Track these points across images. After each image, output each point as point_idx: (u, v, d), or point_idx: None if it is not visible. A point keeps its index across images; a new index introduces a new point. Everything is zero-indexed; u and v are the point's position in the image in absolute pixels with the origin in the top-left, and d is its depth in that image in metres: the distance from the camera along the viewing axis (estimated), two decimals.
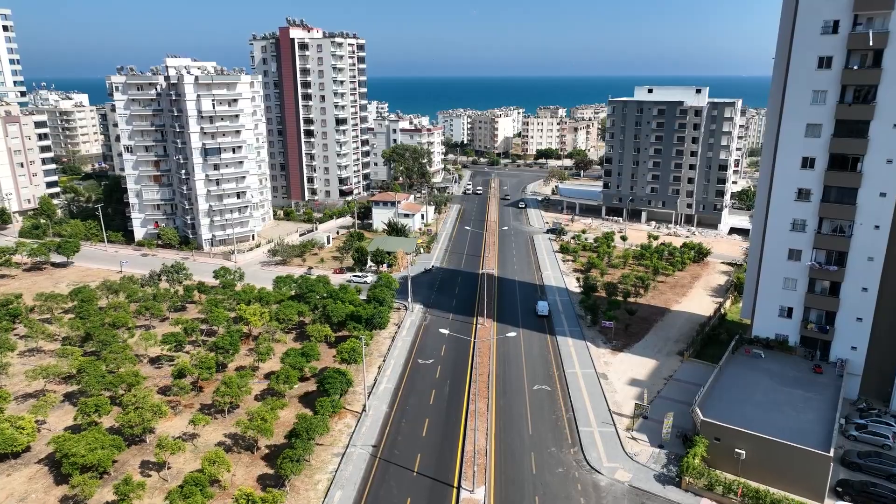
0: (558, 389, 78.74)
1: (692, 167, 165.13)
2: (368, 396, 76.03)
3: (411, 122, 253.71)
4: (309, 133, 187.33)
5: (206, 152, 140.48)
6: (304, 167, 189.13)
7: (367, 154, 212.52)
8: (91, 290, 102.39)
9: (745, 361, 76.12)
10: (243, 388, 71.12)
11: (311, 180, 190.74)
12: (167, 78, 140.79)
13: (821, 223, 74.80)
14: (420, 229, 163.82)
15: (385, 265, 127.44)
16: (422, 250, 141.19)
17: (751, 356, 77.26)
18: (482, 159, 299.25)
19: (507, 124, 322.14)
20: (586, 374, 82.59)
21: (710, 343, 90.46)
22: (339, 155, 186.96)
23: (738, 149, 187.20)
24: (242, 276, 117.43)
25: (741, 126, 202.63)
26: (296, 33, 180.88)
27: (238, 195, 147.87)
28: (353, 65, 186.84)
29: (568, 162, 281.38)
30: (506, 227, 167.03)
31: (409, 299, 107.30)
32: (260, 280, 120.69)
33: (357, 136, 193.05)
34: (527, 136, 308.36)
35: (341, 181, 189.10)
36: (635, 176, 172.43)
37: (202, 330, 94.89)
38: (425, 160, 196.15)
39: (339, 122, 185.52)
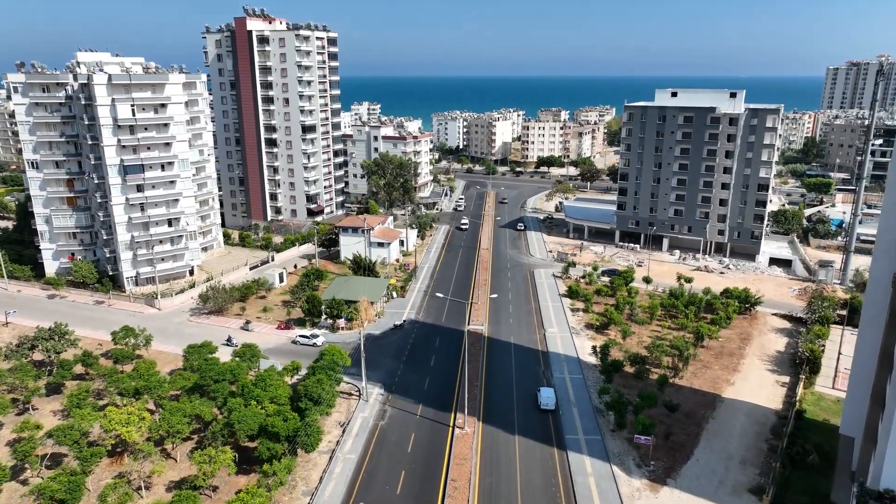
0: None
1: (725, 186, 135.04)
2: None
3: (396, 129, 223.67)
4: (271, 142, 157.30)
5: (125, 170, 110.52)
6: (266, 182, 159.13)
7: (343, 165, 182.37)
8: None
9: None
10: None
11: (274, 197, 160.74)
12: (76, 77, 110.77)
13: None
14: (397, 261, 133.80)
15: (343, 319, 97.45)
16: (395, 294, 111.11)
17: None
18: (478, 167, 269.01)
19: (506, 128, 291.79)
20: None
21: (796, 467, 60.63)
22: (306, 168, 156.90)
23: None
24: (149, 341, 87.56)
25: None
26: (254, 25, 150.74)
27: (170, 222, 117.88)
28: (323, 62, 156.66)
29: (572, 170, 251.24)
30: (501, 259, 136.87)
31: (364, 382, 77.15)
32: (182, 340, 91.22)
33: (328, 146, 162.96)
34: (527, 142, 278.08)
35: (309, 198, 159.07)
36: (656, 196, 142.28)
37: (42, 457, 64.47)
38: (410, 174, 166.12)
39: (307, 129, 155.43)
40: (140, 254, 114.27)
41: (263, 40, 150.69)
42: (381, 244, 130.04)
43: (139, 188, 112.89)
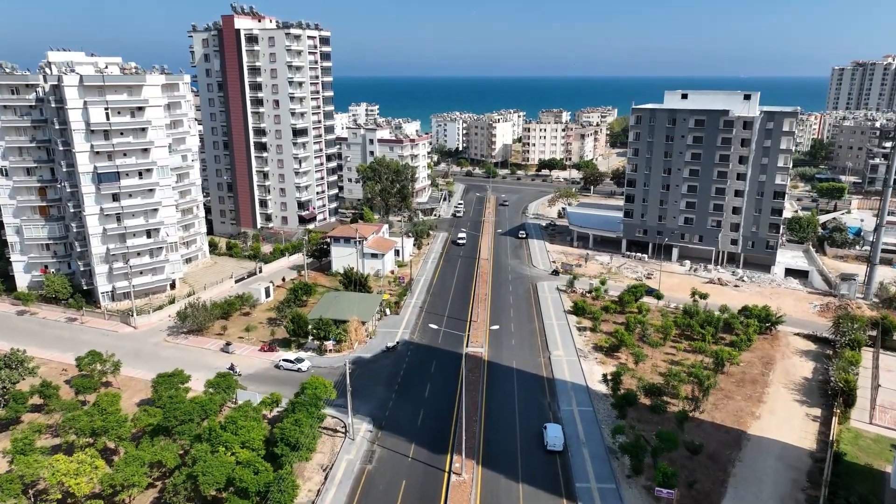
0: None
1: (739, 193, 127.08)
2: None
3: (393, 131, 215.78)
4: (260, 146, 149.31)
5: (99, 178, 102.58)
6: (255, 188, 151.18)
7: (337, 170, 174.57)
8: None
9: None
10: None
11: (263, 204, 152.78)
12: (46, 78, 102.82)
13: None
14: (392, 273, 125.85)
15: (332, 341, 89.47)
16: (388, 311, 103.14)
17: None
18: (477, 170, 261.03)
19: (507, 130, 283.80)
20: None
21: None
22: (297, 173, 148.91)
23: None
24: (117, 368, 79.61)
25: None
26: (243, 23, 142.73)
27: (148, 233, 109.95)
28: (315, 62, 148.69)
29: (575, 173, 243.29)
30: (502, 270, 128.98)
31: (350, 418, 69.14)
32: (157, 363, 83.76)
33: (321, 150, 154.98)
34: (528, 144, 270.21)
35: (301, 205, 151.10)
36: (665, 203, 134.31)
37: None
38: (407, 179, 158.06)
39: (298, 132, 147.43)
40: (116, 267, 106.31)
41: (252, 39, 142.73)
42: (374, 255, 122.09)
43: (115, 197, 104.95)
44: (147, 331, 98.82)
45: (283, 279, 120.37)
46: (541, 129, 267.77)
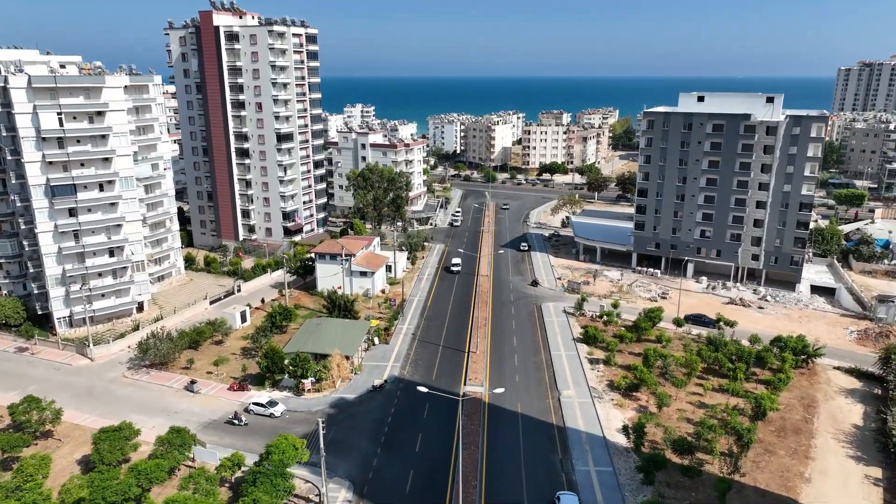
0: None
1: (761, 205, 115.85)
2: None
3: (389, 134, 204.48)
4: (242, 153, 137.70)
5: (52, 191, 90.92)
6: (237, 197, 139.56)
7: (326, 177, 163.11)
8: None
9: None
10: None
11: (246, 214, 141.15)
12: None
13: None
14: (383, 292, 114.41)
15: (310, 380, 77.96)
16: (376, 341, 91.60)
17: None
18: (476, 174, 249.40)
19: (506, 132, 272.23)
20: None
21: None
22: (282, 182, 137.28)
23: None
24: (58, 416, 68.13)
25: None
26: (222, 20, 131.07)
27: (111, 252, 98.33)
28: (301, 62, 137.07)
29: (577, 178, 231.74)
30: (503, 288, 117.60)
31: (325, 487, 57.49)
32: (111, 405, 72.61)
33: (308, 156, 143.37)
34: (528, 147, 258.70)
35: (286, 216, 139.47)
36: (679, 214, 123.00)
37: None
38: (402, 188, 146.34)
39: (282, 137, 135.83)
40: (74, 290, 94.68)
41: (232, 37, 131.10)
42: (363, 273, 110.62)
43: (71, 212, 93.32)
44: (105, 363, 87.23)
45: (263, 300, 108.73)
46: (541, 132, 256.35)
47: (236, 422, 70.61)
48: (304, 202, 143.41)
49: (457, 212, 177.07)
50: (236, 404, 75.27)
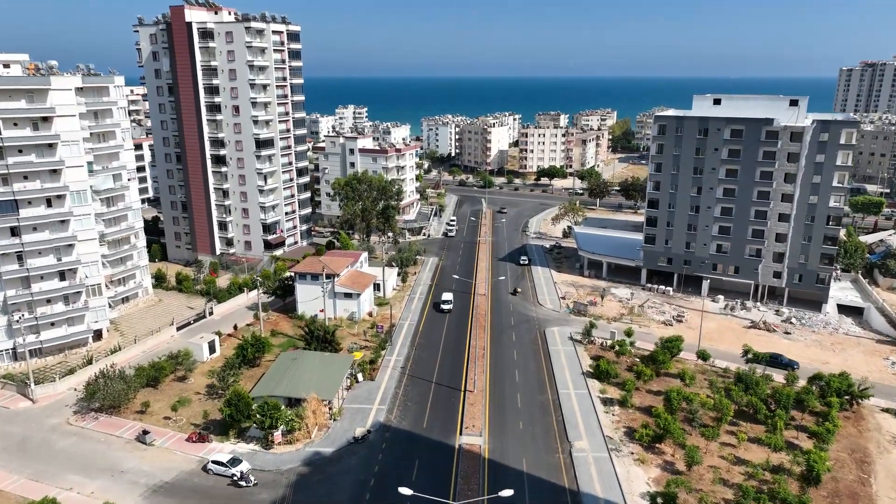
0: None
1: (784, 218, 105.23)
2: None
3: (381, 136, 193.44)
4: (219, 160, 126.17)
5: None
6: (214, 208, 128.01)
7: (312, 184, 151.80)
8: None
9: None
10: None
11: (223, 227, 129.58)
12: None
13: None
14: (370, 315, 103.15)
15: (280, 430, 66.59)
16: (360, 377, 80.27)
17: None
18: (471, 179, 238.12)
19: (502, 134, 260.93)
20: None
21: None
22: (261, 191, 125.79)
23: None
24: None
25: None
26: (195, 15, 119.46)
27: (62, 275, 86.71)
28: (283, 62, 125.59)
29: (578, 183, 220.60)
30: (503, 310, 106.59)
31: None
32: (47, 461, 61.30)
33: (290, 164, 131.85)
34: (525, 150, 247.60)
35: (266, 228, 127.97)
36: (694, 227, 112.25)
37: None
38: (392, 196, 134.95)
39: (262, 143, 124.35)
40: (19, 319, 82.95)
41: (207, 34, 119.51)
42: (348, 295, 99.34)
43: (13, 231, 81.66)
44: (48, 406, 75.61)
45: (236, 327, 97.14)
46: (539, 135, 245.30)
47: (243, 483, 59.25)
48: (287, 213, 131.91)
49: (452, 220, 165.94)
50: (194, 461, 63.91)
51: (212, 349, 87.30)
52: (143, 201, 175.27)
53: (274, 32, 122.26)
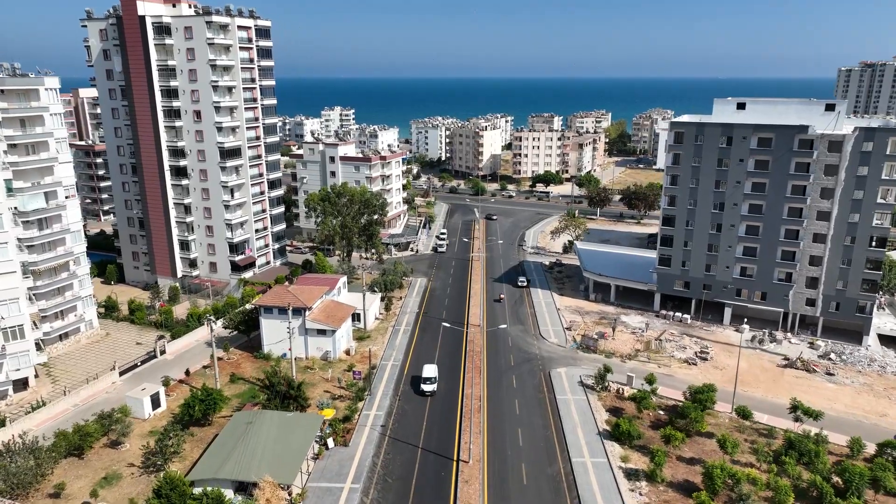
0: None
1: (819, 238, 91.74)
2: None
3: (367, 139, 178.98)
4: (179, 171, 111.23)
5: None
6: (174, 225, 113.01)
7: (289, 196, 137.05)
8: None
9: None
10: None
11: (185, 246, 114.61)
12: None
13: None
14: (348, 353, 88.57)
15: None
16: (331, 442, 65.68)
17: None
18: (462, 185, 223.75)
19: (494, 138, 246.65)
20: None
21: None
22: (227, 207, 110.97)
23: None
24: None
25: None
26: (149, 8, 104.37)
27: None
28: (251, 61, 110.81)
29: (577, 189, 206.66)
30: (500, 346, 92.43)
31: None
32: None
33: (261, 175, 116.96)
34: (519, 154, 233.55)
35: (233, 248, 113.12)
36: (715, 248, 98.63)
37: None
38: (376, 211, 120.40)
39: (228, 153, 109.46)
40: None
41: (163, 30, 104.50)
42: (321, 332, 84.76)
43: None
44: None
45: (188, 372, 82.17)
46: (534, 138, 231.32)
47: None
48: (257, 230, 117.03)
49: (442, 233, 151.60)
50: None
51: (155, 403, 72.45)
52: (110, 212, 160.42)
53: (240, 28, 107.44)
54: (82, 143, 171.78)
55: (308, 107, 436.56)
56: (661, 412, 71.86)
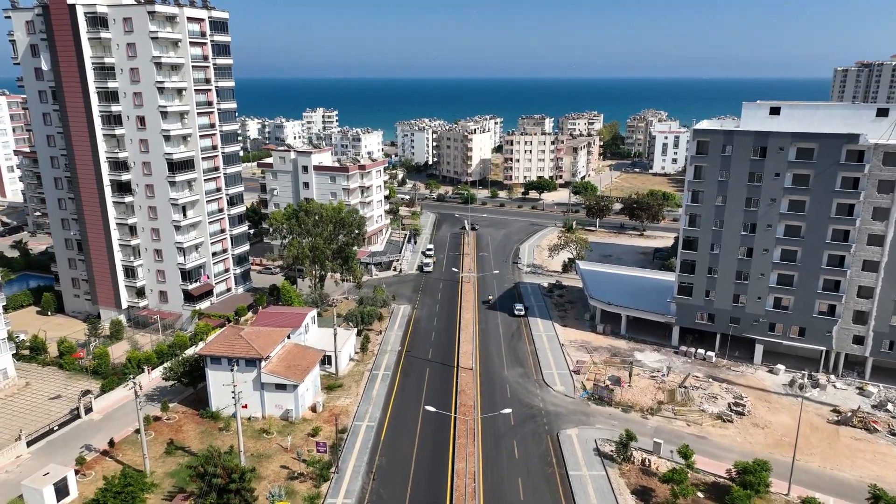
0: None
1: (870, 266, 77.38)
2: None
3: (346, 145, 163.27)
4: (122, 187, 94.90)
5: None
6: (117, 248, 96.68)
7: (255, 211, 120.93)
8: None
9: None
10: None
11: (130, 273, 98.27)
12: None
13: None
14: (314, 409, 72.83)
15: None
16: None
17: None
18: (450, 193, 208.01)
19: (484, 142, 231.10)
20: None
21: None
22: (178, 227, 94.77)
23: None
24: None
25: None
26: None
27: None
28: (204, 58, 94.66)
29: (573, 198, 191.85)
30: (497, 397, 77.25)
31: None
32: None
33: (219, 189, 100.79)
34: (511, 159, 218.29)
35: (186, 275, 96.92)
36: (745, 276, 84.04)
37: None
38: (353, 230, 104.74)
39: (178, 166, 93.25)
40: None
41: (98, 22, 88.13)
42: (280, 386, 69.08)
43: None
44: None
45: (112, 443, 65.90)
46: (526, 142, 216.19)
47: None
48: (215, 253, 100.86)
49: (429, 250, 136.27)
50: None
51: (62, 493, 56.40)
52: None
53: (190, 20, 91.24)
54: (32, 150, 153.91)
55: (292, 109, 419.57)
56: (701, 495, 57.07)
